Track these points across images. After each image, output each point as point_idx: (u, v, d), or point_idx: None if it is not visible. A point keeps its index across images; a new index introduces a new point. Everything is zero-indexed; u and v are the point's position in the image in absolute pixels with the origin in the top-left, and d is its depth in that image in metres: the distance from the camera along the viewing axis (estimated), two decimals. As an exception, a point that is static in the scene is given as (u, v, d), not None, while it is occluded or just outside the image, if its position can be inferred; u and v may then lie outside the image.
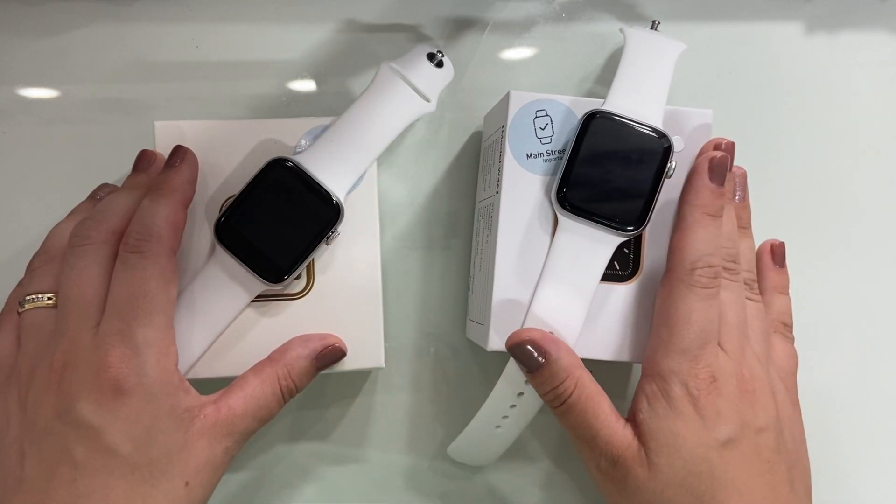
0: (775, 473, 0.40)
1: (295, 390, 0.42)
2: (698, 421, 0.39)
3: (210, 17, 0.52)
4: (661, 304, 0.42)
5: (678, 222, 0.43)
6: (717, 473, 0.38)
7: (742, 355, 0.41)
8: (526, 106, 0.44)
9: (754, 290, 0.45)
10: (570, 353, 0.41)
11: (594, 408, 0.40)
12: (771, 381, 0.42)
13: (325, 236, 0.42)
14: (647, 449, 0.39)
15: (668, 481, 0.39)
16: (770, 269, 0.48)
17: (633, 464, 0.39)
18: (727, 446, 0.39)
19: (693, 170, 0.43)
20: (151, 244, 0.39)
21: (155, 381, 0.38)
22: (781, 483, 0.40)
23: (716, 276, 0.41)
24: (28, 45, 0.51)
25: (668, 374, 0.40)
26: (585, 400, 0.40)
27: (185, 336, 0.41)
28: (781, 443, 0.41)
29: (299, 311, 0.44)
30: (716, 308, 0.41)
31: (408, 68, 0.44)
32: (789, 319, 0.48)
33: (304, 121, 0.44)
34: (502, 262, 0.43)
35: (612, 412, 0.41)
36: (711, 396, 0.39)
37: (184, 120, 0.44)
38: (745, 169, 0.47)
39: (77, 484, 0.36)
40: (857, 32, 0.54)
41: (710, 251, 0.41)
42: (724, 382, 0.40)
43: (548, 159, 0.44)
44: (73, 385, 0.37)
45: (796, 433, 0.43)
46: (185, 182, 0.42)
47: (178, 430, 0.38)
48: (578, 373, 0.41)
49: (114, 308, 0.38)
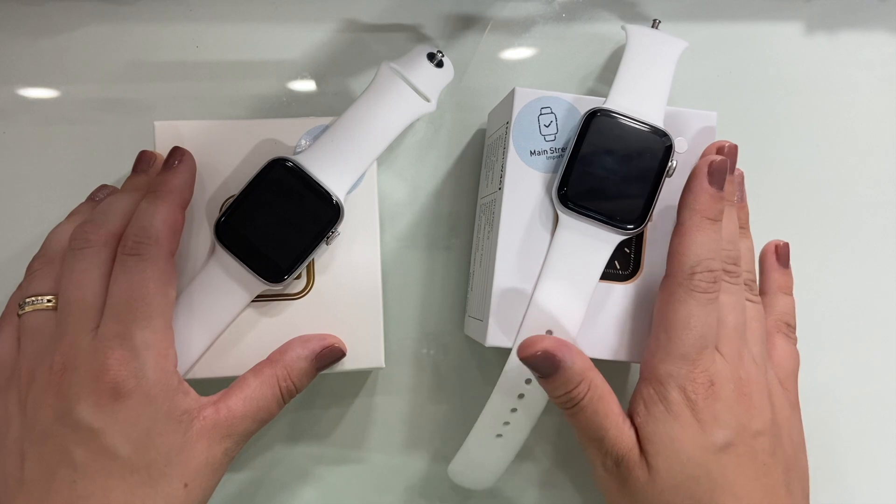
0: (771, 477, 0.40)
1: (295, 391, 0.42)
2: (695, 425, 0.39)
3: (210, 17, 0.52)
4: (660, 307, 0.42)
5: (677, 226, 0.42)
6: (714, 478, 0.38)
7: (740, 359, 0.41)
8: (531, 103, 0.44)
9: (754, 291, 0.45)
10: (582, 357, 0.41)
11: (605, 408, 0.40)
12: (769, 384, 0.42)
13: (325, 236, 0.42)
14: (646, 452, 0.39)
15: (666, 485, 0.39)
16: (774, 269, 0.49)
17: (634, 465, 0.39)
18: (724, 451, 0.39)
19: (693, 173, 0.43)
20: (149, 247, 0.39)
21: (154, 384, 0.38)
22: (778, 486, 0.40)
23: (715, 281, 0.41)
24: (28, 45, 0.51)
25: (665, 379, 0.40)
26: (597, 401, 0.40)
27: (185, 336, 0.41)
28: (778, 446, 0.41)
29: (299, 311, 0.43)
30: (715, 313, 0.41)
31: (408, 68, 0.44)
32: (792, 320, 0.48)
33: (303, 121, 0.44)
34: (503, 257, 0.43)
35: (620, 412, 0.41)
36: (709, 401, 0.39)
37: (184, 120, 0.44)
38: (742, 170, 0.47)
39: (77, 486, 0.36)
40: (857, 32, 0.54)
41: (709, 255, 0.41)
42: (721, 387, 0.40)
43: (551, 156, 0.44)
44: (72, 387, 0.37)
45: (794, 435, 0.43)
46: (183, 183, 0.42)
47: (177, 432, 0.38)
48: (591, 375, 0.40)
49: (112, 311, 0.38)
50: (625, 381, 0.52)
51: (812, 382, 0.51)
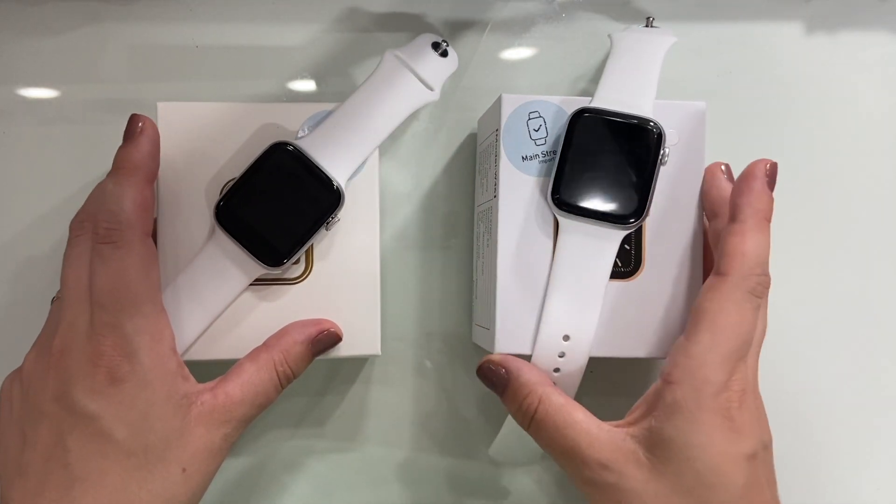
0: (774, 489, 0.40)
1: (292, 376, 0.42)
2: (726, 435, 0.38)
3: (210, 16, 0.52)
4: (708, 307, 0.39)
5: (736, 224, 0.40)
6: (734, 486, 0.37)
7: (756, 370, 0.41)
8: (518, 108, 0.44)
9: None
10: (533, 371, 0.41)
11: (565, 418, 0.40)
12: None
13: (325, 222, 0.42)
14: (654, 455, 0.38)
15: (674, 489, 0.38)
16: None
17: (626, 465, 0.38)
18: (750, 460, 0.38)
19: (749, 173, 0.41)
20: (122, 232, 0.38)
21: (150, 368, 0.38)
22: (777, 499, 0.40)
23: (767, 287, 0.40)
24: (28, 45, 0.51)
25: (702, 385, 0.38)
26: (554, 413, 0.40)
27: (182, 317, 0.41)
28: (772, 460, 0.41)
29: (297, 295, 0.43)
30: (762, 320, 0.40)
31: (412, 57, 0.44)
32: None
33: (306, 106, 0.44)
34: (504, 265, 0.43)
35: (587, 419, 0.40)
36: (741, 410, 0.38)
37: (187, 102, 0.44)
38: None
39: (72, 468, 0.36)
40: (857, 32, 0.54)
41: (766, 259, 0.40)
42: (749, 396, 0.39)
43: (543, 160, 0.44)
44: (69, 370, 0.37)
45: None
46: (147, 156, 0.41)
47: (175, 417, 0.38)
48: (542, 388, 0.40)
49: (99, 302, 0.38)
50: (627, 378, 0.52)
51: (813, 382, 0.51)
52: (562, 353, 0.43)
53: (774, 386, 0.52)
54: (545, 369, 0.43)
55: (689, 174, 0.44)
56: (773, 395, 0.52)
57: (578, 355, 0.43)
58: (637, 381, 0.51)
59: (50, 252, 0.50)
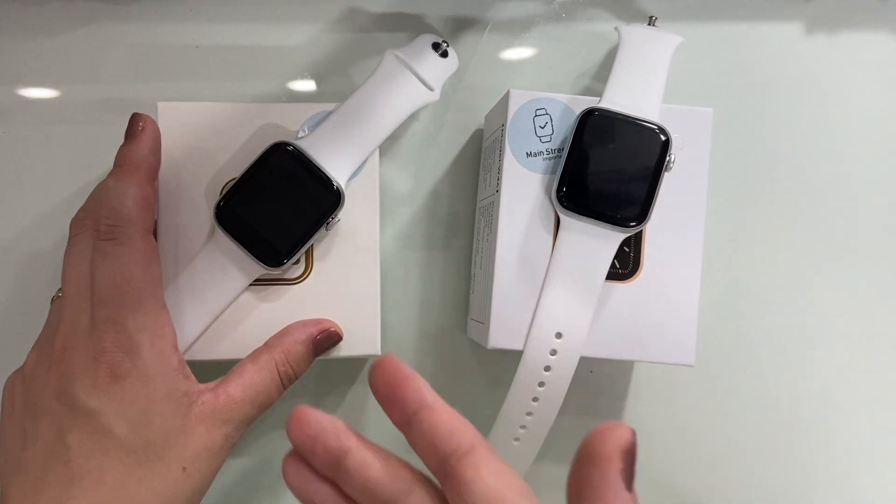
0: None
1: (294, 376, 0.42)
2: None
3: (210, 16, 0.52)
4: None
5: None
6: None
7: None
8: (525, 104, 0.44)
9: None
10: None
11: None
12: None
13: (325, 222, 0.42)
14: None
15: None
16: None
17: None
18: None
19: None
20: (124, 229, 0.39)
21: (151, 364, 0.38)
22: None
23: None
24: (28, 45, 0.51)
25: None
26: None
27: (183, 317, 0.41)
28: None
29: (297, 295, 0.43)
30: None
31: (412, 57, 0.44)
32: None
33: (306, 106, 0.44)
34: (502, 260, 0.43)
35: None
36: None
37: (187, 102, 0.44)
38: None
39: (72, 465, 0.36)
40: (857, 32, 0.54)
41: None
42: None
43: (548, 158, 0.44)
44: (70, 368, 0.37)
45: None
46: (148, 154, 0.41)
47: (175, 415, 0.38)
48: None
49: (100, 299, 0.38)
50: (626, 380, 0.51)
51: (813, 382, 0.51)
52: (553, 350, 0.42)
53: (774, 386, 0.53)
54: (537, 366, 0.42)
55: (692, 180, 0.44)
56: (773, 394, 0.53)
57: (570, 354, 0.43)
58: (636, 381, 0.51)
59: (50, 252, 0.50)
